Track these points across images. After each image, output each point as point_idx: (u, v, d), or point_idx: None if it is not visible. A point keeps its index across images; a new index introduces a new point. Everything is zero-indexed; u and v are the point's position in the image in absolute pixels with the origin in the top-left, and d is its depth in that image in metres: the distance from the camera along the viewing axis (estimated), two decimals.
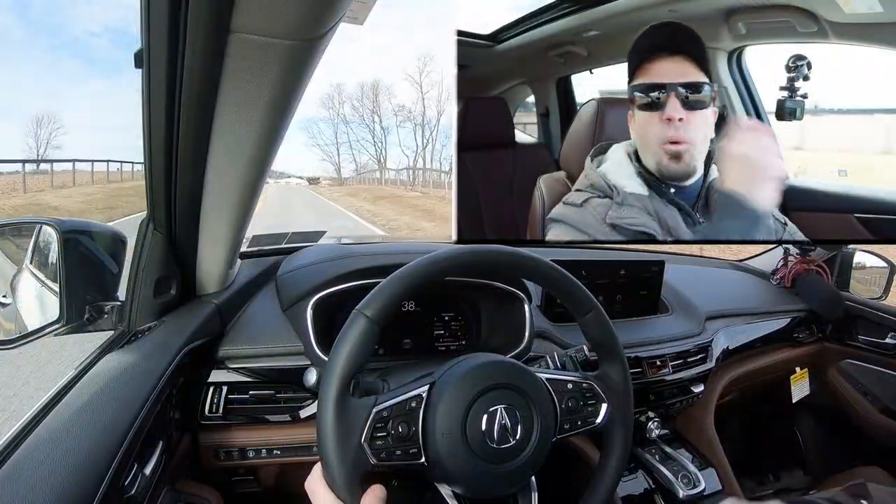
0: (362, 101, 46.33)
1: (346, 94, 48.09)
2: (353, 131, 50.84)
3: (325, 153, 48.36)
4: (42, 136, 32.57)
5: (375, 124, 46.22)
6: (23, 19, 71.28)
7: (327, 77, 44.86)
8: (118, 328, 0.87)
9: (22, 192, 14.49)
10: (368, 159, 46.92)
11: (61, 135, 33.46)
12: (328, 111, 47.49)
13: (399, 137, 49.26)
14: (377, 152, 46.37)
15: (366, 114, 46.48)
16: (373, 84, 47.03)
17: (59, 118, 34.04)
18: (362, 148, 46.93)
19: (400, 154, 49.62)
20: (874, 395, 1.57)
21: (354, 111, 46.57)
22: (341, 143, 47.97)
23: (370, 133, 46.64)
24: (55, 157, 30.58)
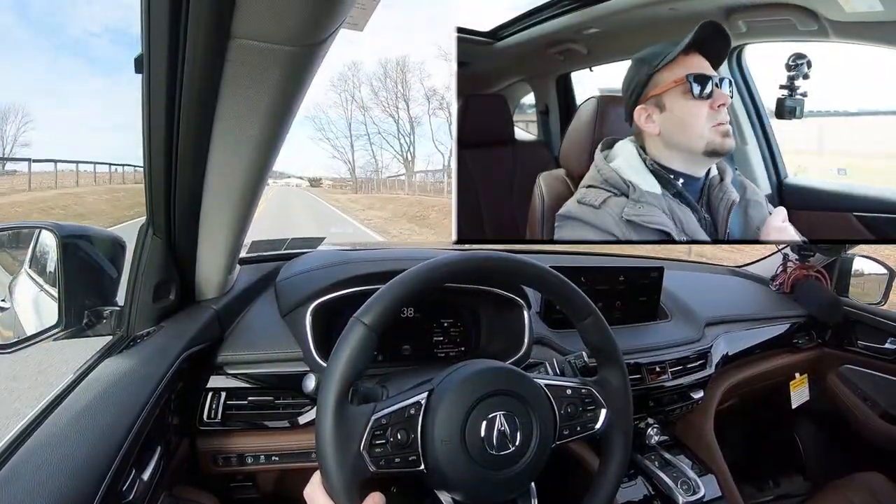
0: (385, 83, 36.27)
1: (364, 75, 38.93)
2: (374, 122, 38.11)
3: (336, 149, 38.50)
4: (9, 132, 30.22)
5: (401, 110, 35.61)
6: (23, 19, 71.41)
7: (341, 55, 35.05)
8: (117, 333, 0.87)
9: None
10: (392, 158, 37.11)
11: (30, 130, 30.98)
12: (339, 95, 37.36)
13: (431, 129, 36.17)
14: (404, 149, 36.13)
15: (390, 99, 36.39)
16: (399, 61, 35.91)
17: (28, 112, 31.05)
18: (384, 142, 37.05)
19: (432, 151, 39.71)
20: (874, 400, 1.56)
21: (375, 96, 36.64)
22: (357, 136, 38.14)
23: (394, 124, 36.04)
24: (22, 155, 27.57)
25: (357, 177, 38.03)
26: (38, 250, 0.88)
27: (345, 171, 39.12)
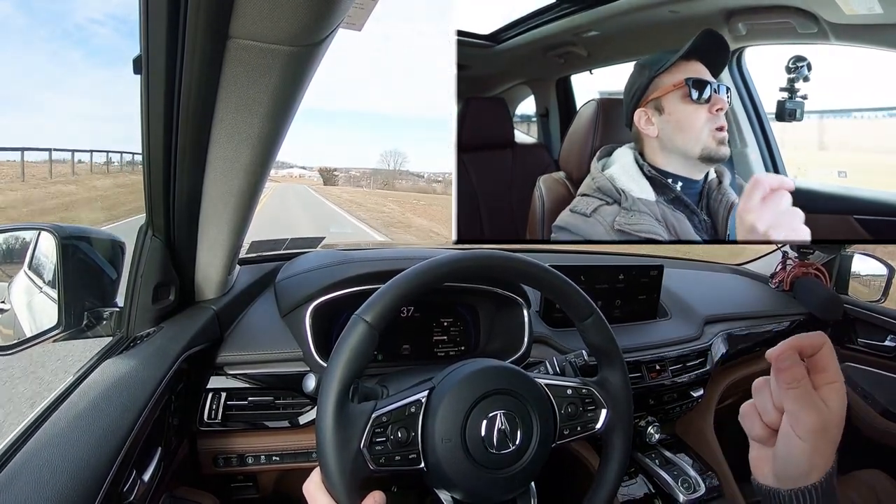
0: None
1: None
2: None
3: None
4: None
5: None
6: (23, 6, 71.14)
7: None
8: (117, 334, 0.87)
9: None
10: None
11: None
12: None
13: None
14: None
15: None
16: None
17: None
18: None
19: None
20: (874, 397, 1.56)
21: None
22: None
23: None
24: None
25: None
26: (39, 251, 0.88)
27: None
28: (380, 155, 35.37)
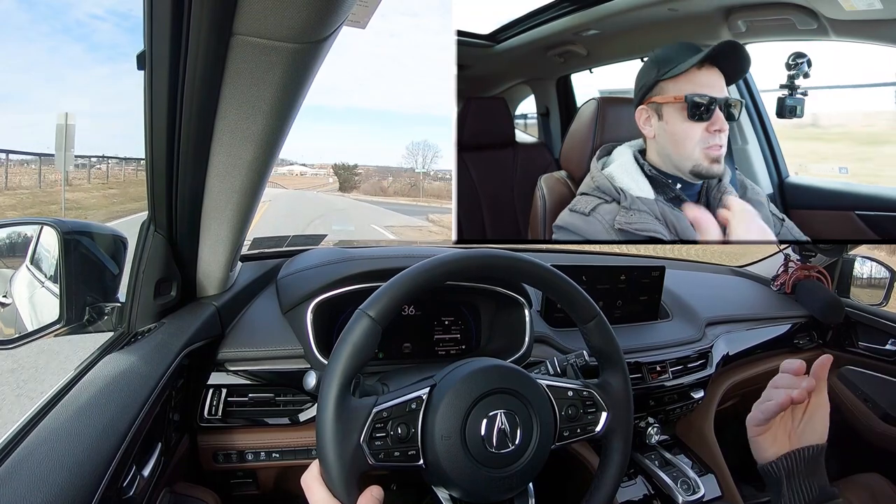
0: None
1: None
2: None
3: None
4: None
5: None
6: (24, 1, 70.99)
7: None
8: (118, 329, 0.87)
9: None
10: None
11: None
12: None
13: None
14: None
15: None
16: None
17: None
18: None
19: None
20: (874, 401, 1.56)
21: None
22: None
23: None
24: None
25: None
26: (41, 246, 0.88)
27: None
28: (405, 149, 30.50)
